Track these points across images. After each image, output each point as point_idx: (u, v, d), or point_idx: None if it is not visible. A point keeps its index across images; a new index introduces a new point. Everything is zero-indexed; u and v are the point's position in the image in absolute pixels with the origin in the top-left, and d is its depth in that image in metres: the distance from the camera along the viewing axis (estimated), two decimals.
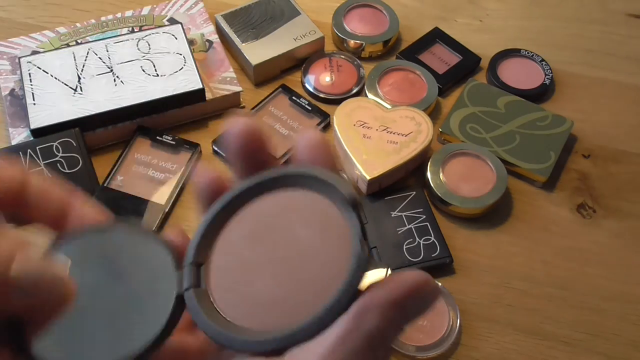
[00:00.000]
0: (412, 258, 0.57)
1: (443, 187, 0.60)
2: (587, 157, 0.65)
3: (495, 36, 0.75)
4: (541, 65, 0.70)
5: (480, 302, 0.56)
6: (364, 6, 0.74)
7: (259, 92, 0.68)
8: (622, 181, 0.64)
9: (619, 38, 0.75)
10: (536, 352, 0.54)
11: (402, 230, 0.58)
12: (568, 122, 0.65)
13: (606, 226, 0.61)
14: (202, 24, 0.70)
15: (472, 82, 0.68)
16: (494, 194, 0.60)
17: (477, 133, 0.64)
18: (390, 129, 0.61)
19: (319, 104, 0.67)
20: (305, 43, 0.69)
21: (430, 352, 0.52)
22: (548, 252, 0.59)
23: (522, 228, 0.60)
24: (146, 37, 0.67)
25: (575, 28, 0.76)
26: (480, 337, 0.54)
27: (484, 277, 0.57)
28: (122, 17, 0.71)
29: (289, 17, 0.71)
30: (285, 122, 0.65)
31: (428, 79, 0.67)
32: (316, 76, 0.69)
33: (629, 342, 0.54)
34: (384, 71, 0.68)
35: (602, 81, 0.71)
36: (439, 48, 0.72)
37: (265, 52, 0.67)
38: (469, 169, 0.62)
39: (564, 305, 0.56)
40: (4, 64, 0.66)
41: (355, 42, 0.71)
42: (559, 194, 0.63)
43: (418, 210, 0.59)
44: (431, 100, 0.66)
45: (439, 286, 0.28)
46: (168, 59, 0.65)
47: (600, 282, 0.57)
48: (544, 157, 0.63)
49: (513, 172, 0.63)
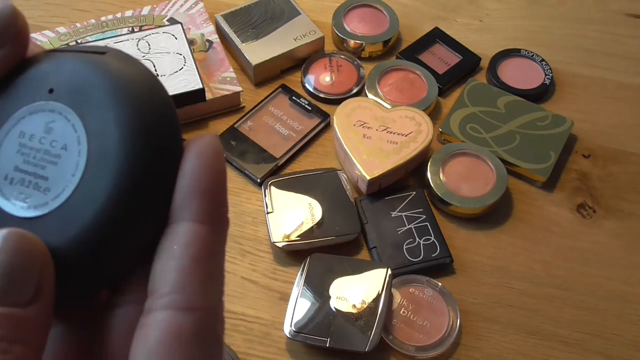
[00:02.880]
0: (412, 258, 0.57)
1: (443, 187, 0.60)
2: (587, 157, 0.65)
3: (495, 36, 0.75)
4: (541, 65, 0.70)
5: (480, 302, 0.56)
6: (364, 6, 0.74)
7: (259, 92, 0.68)
8: (622, 181, 0.64)
9: (619, 38, 0.75)
10: (536, 352, 0.54)
11: (402, 230, 0.58)
12: (568, 122, 0.65)
13: (606, 226, 0.61)
14: (202, 24, 0.70)
15: (472, 82, 0.68)
16: (494, 194, 0.60)
17: (477, 133, 0.64)
18: (390, 129, 0.61)
19: (319, 104, 0.67)
20: (305, 43, 0.69)
21: (430, 352, 0.52)
22: (548, 252, 0.59)
23: (522, 228, 0.60)
24: (146, 37, 0.67)
25: (575, 28, 0.76)
26: (480, 337, 0.54)
27: (484, 277, 0.57)
28: (122, 17, 0.71)
29: (289, 17, 0.71)
30: (285, 122, 0.65)
31: (428, 79, 0.67)
32: (316, 76, 0.69)
33: (629, 342, 0.54)
34: (384, 71, 0.68)
35: (602, 81, 0.71)
36: (439, 48, 0.72)
37: (265, 52, 0.67)
38: (469, 169, 0.62)
39: (564, 305, 0.56)
40: None
41: (355, 42, 0.71)
42: (559, 194, 0.63)
43: (418, 210, 0.59)
44: (431, 100, 0.66)
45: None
46: (168, 59, 0.65)
47: (600, 282, 0.57)
48: (544, 157, 0.63)
49: (513, 172, 0.63)
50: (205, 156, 0.21)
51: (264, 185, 0.60)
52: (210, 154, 0.21)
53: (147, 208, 0.21)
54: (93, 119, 0.21)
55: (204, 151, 0.21)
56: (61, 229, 0.21)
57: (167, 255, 0.20)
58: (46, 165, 0.22)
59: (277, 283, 0.56)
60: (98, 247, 0.20)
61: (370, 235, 0.58)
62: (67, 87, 0.22)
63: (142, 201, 0.21)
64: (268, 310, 0.54)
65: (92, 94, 0.21)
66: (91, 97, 0.21)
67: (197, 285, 0.20)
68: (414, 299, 0.54)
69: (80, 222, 0.20)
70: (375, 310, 0.52)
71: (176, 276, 0.20)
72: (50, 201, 0.21)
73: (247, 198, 0.61)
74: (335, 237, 0.57)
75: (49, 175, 0.21)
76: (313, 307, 0.52)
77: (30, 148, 0.22)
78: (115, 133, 0.21)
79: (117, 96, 0.21)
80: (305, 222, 0.58)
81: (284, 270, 0.57)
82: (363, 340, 0.51)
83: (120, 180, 0.20)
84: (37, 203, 0.21)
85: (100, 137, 0.21)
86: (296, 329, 0.51)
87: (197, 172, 0.21)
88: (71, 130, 0.21)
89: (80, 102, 0.22)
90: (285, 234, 0.57)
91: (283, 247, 0.57)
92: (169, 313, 0.19)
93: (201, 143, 0.21)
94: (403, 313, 0.54)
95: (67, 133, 0.22)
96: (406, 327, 0.53)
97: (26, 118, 0.22)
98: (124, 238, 0.21)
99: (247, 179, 0.62)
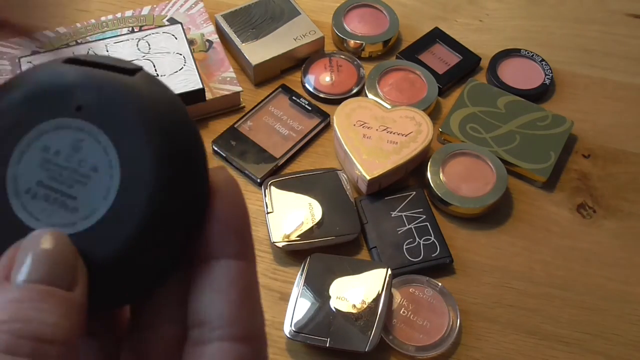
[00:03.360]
0: (412, 258, 0.57)
1: (443, 187, 0.60)
2: (587, 157, 0.65)
3: (495, 36, 0.75)
4: (541, 65, 0.70)
5: (480, 302, 0.56)
6: (364, 6, 0.74)
7: (259, 92, 0.68)
8: (622, 181, 0.64)
9: (619, 38, 0.75)
10: (536, 352, 0.54)
11: (402, 230, 0.58)
12: (568, 122, 0.65)
13: (606, 226, 0.61)
14: (202, 24, 0.70)
15: (472, 82, 0.68)
16: (494, 194, 0.60)
17: (477, 133, 0.64)
18: (390, 129, 0.61)
19: (319, 104, 0.67)
20: (305, 43, 0.69)
21: (430, 352, 0.52)
22: (548, 252, 0.59)
23: (522, 228, 0.60)
24: (146, 37, 0.67)
25: (575, 28, 0.76)
26: (480, 337, 0.54)
27: (484, 277, 0.57)
28: (122, 17, 0.71)
29: (289, 17, 0.71)
30: (285, 122, 0.65)
31: (428, 79, 0.67)
32: (316, 76, 0.69)
33: (629, 342, 0.54)
34: (384, 71, 0.68)
35: (602, 81, 0.71)
36: (439, 48, 0.72)
37: (265, 52, 0.67)
38: (469, 169, 0.62)
39: (564, 305, 0.56)
40: (4, 64, 0.66)
41: (355, 42, 0.71)
42: (559, 194, 0.63)
43: (418, 210, 0.59)
44: (431, 100, 0.66)
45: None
46: (168, 59, 0.65)
47: (600, 282, 0.57)
48: (544, 157, 0.63)
49: (513, 172, 0.63)
50: (233, 195, 0.23)
51: (264, 185, 0.60)
52: (236, 193, 0.23)
53: (174, 233, 0.22)
54: (125, 144, 0.21)
55: (230, 191, 0.23)
56: (92, 247, 0.21)
57: (213, 289, 0.22)
58: (74, 185, 0.22)
59: (277, 283, 0.56)
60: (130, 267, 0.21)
61: (370, 235, 0.58)
62: (97, 107, 0.22)
63: (171, 226, 0.22)
64: (268, 310, 0.54)
65: (123, 118, 0.22)
66: (123, 121, 0.22)
67: (248, 317, 0.22)
68: (414, 299, 0.54)
69: (114, 243, 0.21)
70: (375, 310, 0.52)
71: (228, 309, 0.22)
72: (78, 221, 0.21)
73: (247, 198, 0.60)
74: (335, 237, 0.57)
75: (77, 195, 0.22)
76: (313, 307, 0.52)
77: (56, 164, 0.22)
78: (149, 160, 0.21)
79: (149, 122, 0.22)
80: (305, 222, 0.58)
81: (284, 270, 0.57)
82: (363, 340, 0.51)
83: (155, 206, 0.21)
84: (64, 222, 0.21)
85: (133, 163, 0.21)
86: (296, 329, 0.51)
87: (229, 212, 0.23)
88: (101, 152, 0.22)
89: (111, 124, 0.22)
90: (285, 234, 0.57)
91: (283, 247, 0.57)
92: (228, 344, 0.21)
93: (226, 183, 0.23)
94: (403, 313, 0.54)
95: (97, 154, 0.22)
96: (406, 327, 0.53)
97: (50, 133, 0.22)
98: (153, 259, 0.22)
99: (247, 179, 0.62)
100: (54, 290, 0.20)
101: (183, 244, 0.22)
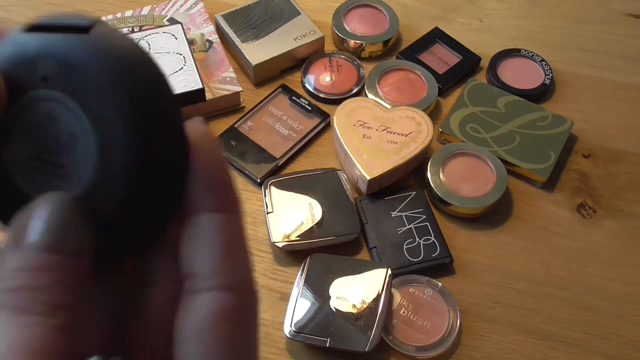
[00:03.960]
0: (412, 258, 0.57)
1: (443, 187, 0.60)
2: (587, 157, 0.65)
3: (495, 36, 0.75)
4: (541, 65, 0.70)
5: (480, 302, 0.56)
6: (364, 6, 0.74)
7: (259, 92, 0.68)
8: (622, 181, 0.64)
9: (619, 38, 0.75)
10: (536, 352, 0.54)
11: (402, 230, 0.58)
12: (568, 122, 0.65)
13: (606, 226, 0.61)
14: (202, 24, 0.70)
15: (472, 82, 0.68)
16: (494, 194, 0.60)
17: (477, 133, 0.64)
18: (390, 128, 0.61)
19: (319, 104, 0.67)
20: (305, 43, 0.69)
21: (430, 352, 0.52)
22: (548, 252, 0.59)
23: (522, 228, 0.60)
24: (146, 37, 0.67)
25: (575, 28, 0.76)
26: (480, 337, 0.54)
27: (484, 277, 0.57)
28: (122, 17, 0.71)
29: (289, 17, 0.71)
30: (285, 122, 0.65)
31: (428, 79, 0.67)
32: (316, 76, 0.69)
33: (629, 342, 0.54)
34: (384, 71, 0.68)
35: (602, 81, 0.71)
36: (439, 48, 0.72)
37: (265, 52, 0.67)
38: (469, 169, 0.62)
39: (564, 305, 0.56)
40: None
41: (355, 42, 0.71)
42: (559, 194, 0.63)
43: (418, 210, 0.59)
44: (431, 100, 0.66)
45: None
46: (168, 59, 0.65)
47: (600, 282, 0.57)
48: (544, 157, 0.63)
49: (513, 172, 0.63)
50: (209, 148, 0.23)
51: (264, 185, 0.60)
52: (213, 146, 0.24)
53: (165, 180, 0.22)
54: (93, 106, 0.22)
55: (207, 144, 0.23)
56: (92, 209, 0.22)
57: (198, 243, 0.23)
58: (60, 154, 0.22)
59: (277, 283, 0.56)
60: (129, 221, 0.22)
61: (370, 235, 0.58)
62: (59, 74, 0.22)
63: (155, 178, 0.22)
64: (268, 310, 0.54)
65: (85, 81, 0.22)
66: (86, 84, 0.22)
67: (234, 268, 0.23)
68: (414, 299, 0.54)
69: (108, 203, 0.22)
70: (375, 310, 0.52)
71: (214, 261, 0.22)
72: (72, 188, 0.22)
73: (247, 198, 0.61)
74: (335, 237, 0.57)
75: (65, 164, 0.22)
76: (313, 307, 0.52)
77: (39, 137, 0.22)
78: (118, 119, 0.21)
79: (112, 80, 0.22)
80: (305, 222, 0.58)
81: (284, 270, 0.57)
82: (363, 340, 0.51)
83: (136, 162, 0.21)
84: (60, 190, 0.22)
85: (104, 124, 0.22)
86: (296, 329, 0.51)
87: (206, 166, 0.23)
88: (74, 119, 0.22)
89: (76, 89, 0.22)
90: (285, 234, 0.57)
91: (283, 247, 0.57)
92: (215, 293, 0.22)
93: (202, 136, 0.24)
94: (403, 313, 0.54)
95: (71, 122, 0.22)
96: (406, 327, 0.53)
97: (28, 106, 0.23)
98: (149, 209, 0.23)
99: (247, 179, 0.62)
100: (63, 256, 0.21)
101: (171, 193, 0.23)
